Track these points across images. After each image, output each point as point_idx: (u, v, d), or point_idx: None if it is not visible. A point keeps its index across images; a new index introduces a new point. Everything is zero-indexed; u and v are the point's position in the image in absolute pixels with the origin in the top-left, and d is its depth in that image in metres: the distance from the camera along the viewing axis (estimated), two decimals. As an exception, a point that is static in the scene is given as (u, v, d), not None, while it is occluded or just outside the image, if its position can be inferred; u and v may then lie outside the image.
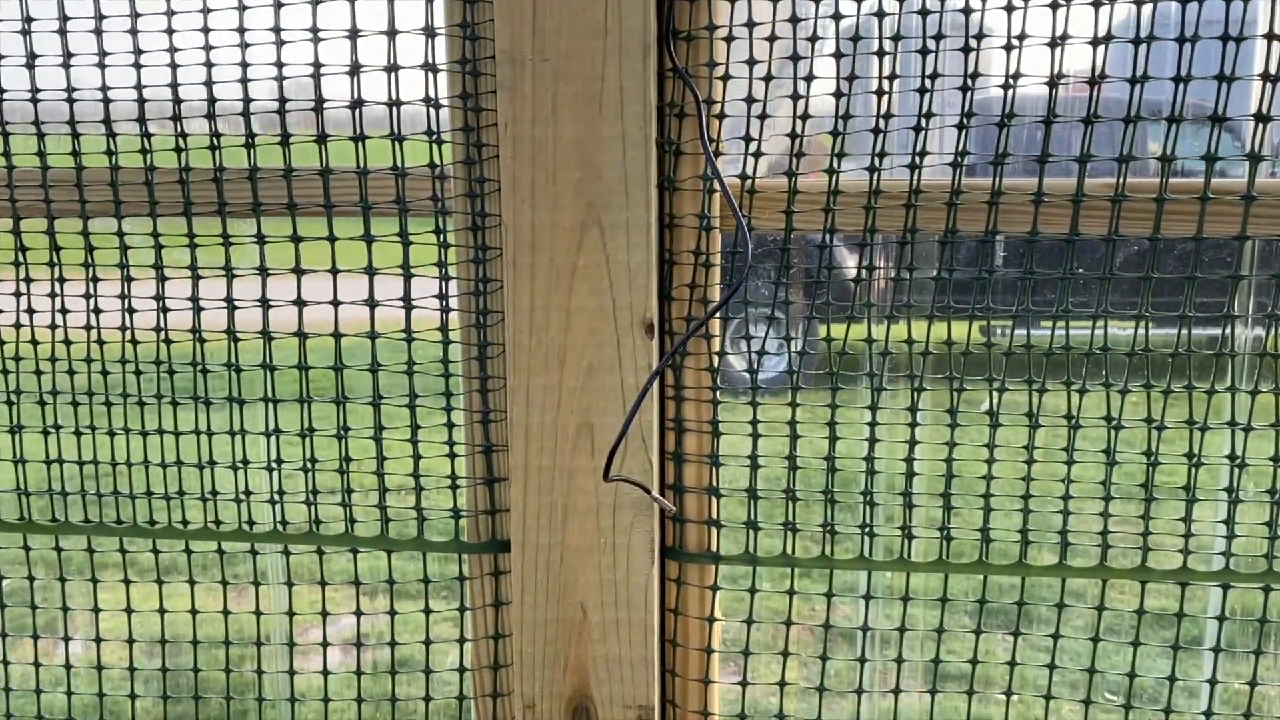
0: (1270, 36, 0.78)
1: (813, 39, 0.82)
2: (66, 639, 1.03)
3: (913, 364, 0.86)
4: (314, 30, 0.86)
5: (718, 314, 0.87)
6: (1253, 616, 0.87)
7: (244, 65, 0.87)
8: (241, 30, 0.87)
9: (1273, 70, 0.78)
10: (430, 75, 0.86)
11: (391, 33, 0.85)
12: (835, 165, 0.83)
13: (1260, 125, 0.80)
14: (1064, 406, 0.83)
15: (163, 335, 0.93)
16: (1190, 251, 0.82)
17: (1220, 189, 0.82)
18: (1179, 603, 0.87)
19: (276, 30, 0.87)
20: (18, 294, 0.94)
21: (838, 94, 0.82)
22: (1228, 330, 0.83)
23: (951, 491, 0.87)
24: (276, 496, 0.95)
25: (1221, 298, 0.82)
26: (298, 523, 0.95)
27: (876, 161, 0.83)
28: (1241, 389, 0.83)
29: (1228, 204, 0.82)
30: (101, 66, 0.89)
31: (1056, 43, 0.79)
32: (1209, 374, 0.83)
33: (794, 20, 0.81)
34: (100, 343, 0.94)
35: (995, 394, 0.85)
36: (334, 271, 0.90)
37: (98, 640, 1.02)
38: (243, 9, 0.87)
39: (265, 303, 0.91)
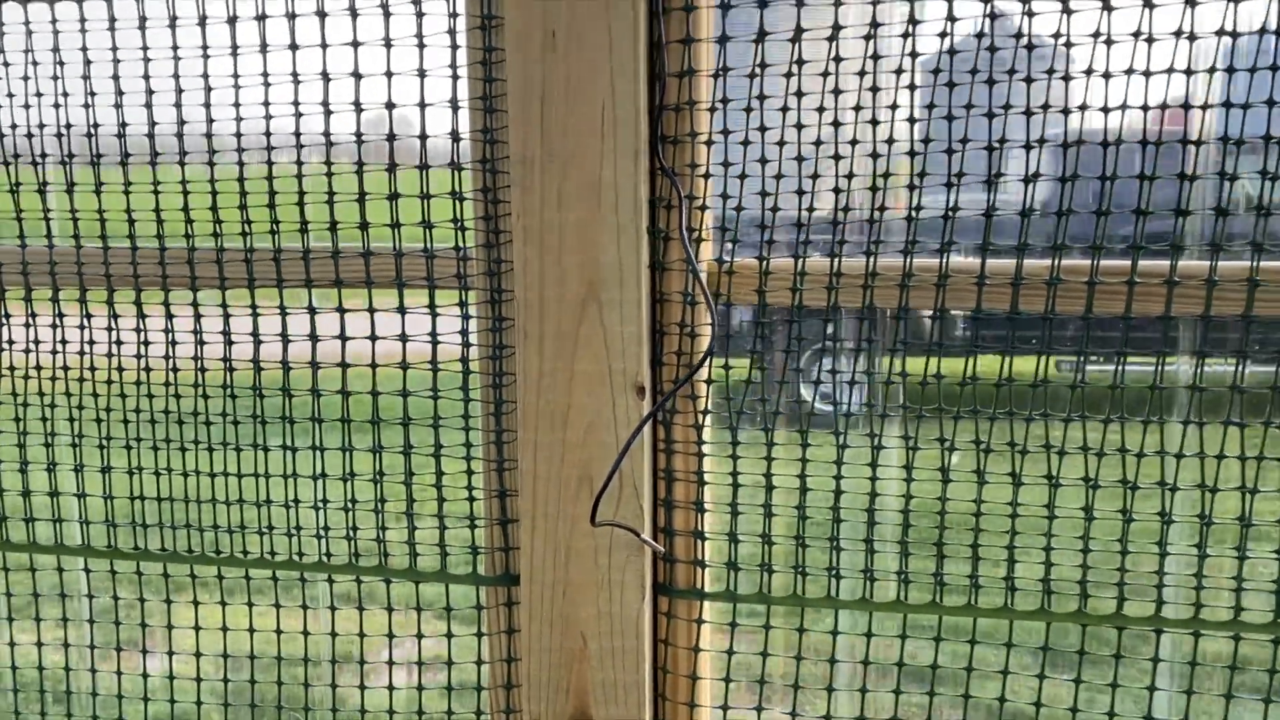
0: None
1: (780, 144, 0.94)
2: (144, 651, 1.19)
3: (873, 423, 0.97)
4: (358, 134, 1.01)
5: (704, 379, 1.00)
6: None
7: (299, 178, 1.03)
8: (299, 159, 1.02)
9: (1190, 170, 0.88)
10: (456, 173, 1.00)
11: (423, 137, 1.00)
12: (801, 251, 0.95)
13: (1180, 219, 0.90)
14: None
15: (229, 391, 1.08)
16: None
17: (1147, 272, 0.92)
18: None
19: (326, 135, 1.02)
20: (109, 355, 1.10)
21: (800, 191, 0.94)
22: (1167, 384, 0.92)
23: (908, 539, 0.98)
24: (322, 532, 1.09)
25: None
26: (339, 555, 1.09)
27: (837, 249, 0.94)
28: (1178, 453, 0.92)
29: (1155, 285, 0.92)
30: (180, 110, 1.06)
31: (993, 147, 0.90)
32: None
33: (762, 129, 0.94)
34: (177, 396, 1.10)
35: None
36: (373, 339, 1.04)
37: (170, 654, 1.17)
38: (298, 135, 1.02)
39: (315, 365, 1.06)
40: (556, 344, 0.98)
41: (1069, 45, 0.88)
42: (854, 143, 0.93)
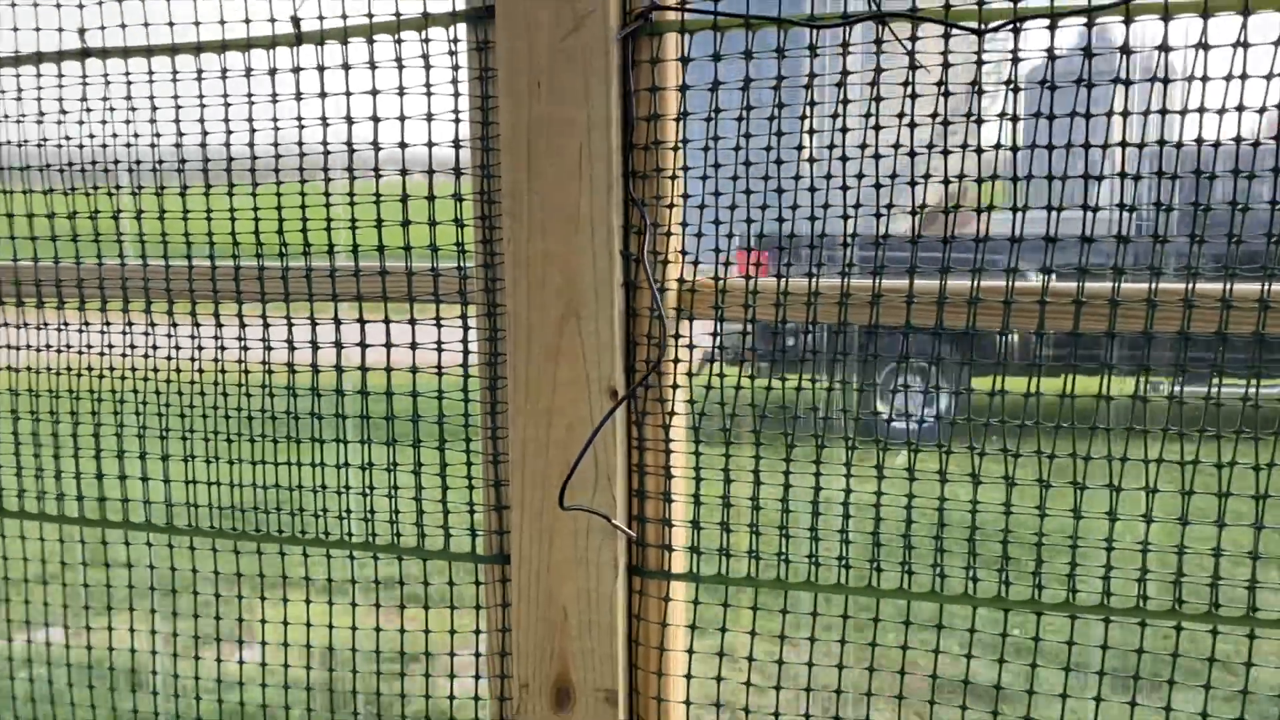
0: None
1: (734, 179, 1.07)
2: (196, 616, 1.36)
3: (816, 423, 1.09)
4: (376, 170, 1.17)
5: (670, 385, 1.13)
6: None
7: (327, 206, 1.19)
8: (326, 190, 1.19)
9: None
10: (458, 203, 1.16)
11: (430, 172, 1.15)
12: (753, 273, 1.08)
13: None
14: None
15: (267, 390, 1.25)
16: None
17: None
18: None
19: (350, 170, 1.18)
20: (168, 358, 1.28)
21: (748, 220, 1.07)
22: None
23: (848, 530, 1.10)
24: (344, 514, 1.25)
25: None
26: (359, 535, 1.25)
27: (784, 270, 1.07)
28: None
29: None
30: (229, 149, 1.23)
31: (917, 181, 1.02)
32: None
33: (717, 166, 1.07)
34: (224, 395, 1.27)
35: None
36: (387, 346, 1.20)
37: (217, 618, 1.34)
38: (325, 169, 1.19)
39: (339, 368, 1.22)
40: (541, 353, 1.13)
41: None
42: (796, 178, 1.05)
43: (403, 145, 1.15)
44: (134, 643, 1.40)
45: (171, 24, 1.22)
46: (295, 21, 1.17)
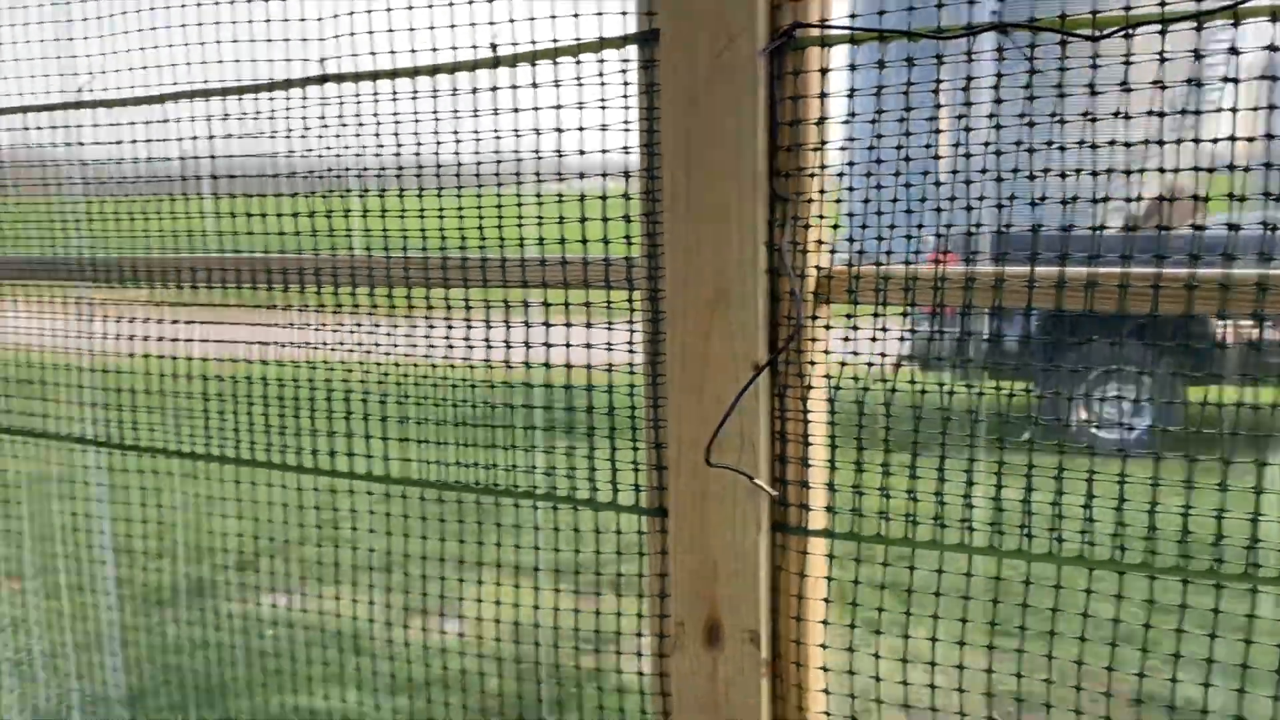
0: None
1: (867, 175, 1.20)
2: (406, 557, 1.59)
3: (972, 406, 1.20)
4: (559, 173, 1.36)
5: (809, 361, 1.27)
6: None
7: (519, 206, 1.39)
8: (518, 193, 1.39)
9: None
10: (626, 201, 1.33)
11: (604, 175, 1.33)
12: (884, 260, 1.20)
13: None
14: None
15: (467, 361, 1.47)
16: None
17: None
18: None
19: (537, 174, 1.38)
20: (388, 334, 1.52)
21: (879, 211, 1.19)
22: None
23: (971, 495, 1.20)
24: (530, 469, 1.45)
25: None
26: (542, 486, 1.45)
27: (911, 257, 1.19)
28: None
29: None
30: (438, 155, 1.45)
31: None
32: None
33: (851, 164, 1.20)
34: (433, 365, 1.49)
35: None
36: (567, 325, 1.39)
37: (424, 557, 1.57)
38: (518, 175, 1.39)
39: (527, 344, 1.42)
40: (695, 333, 1.28)
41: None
42: (925, 173, 1.17)
43: (581, 152, 1.34)
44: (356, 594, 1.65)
45: (393, 52, 1.45)
46: (493, 48, 1.38)
